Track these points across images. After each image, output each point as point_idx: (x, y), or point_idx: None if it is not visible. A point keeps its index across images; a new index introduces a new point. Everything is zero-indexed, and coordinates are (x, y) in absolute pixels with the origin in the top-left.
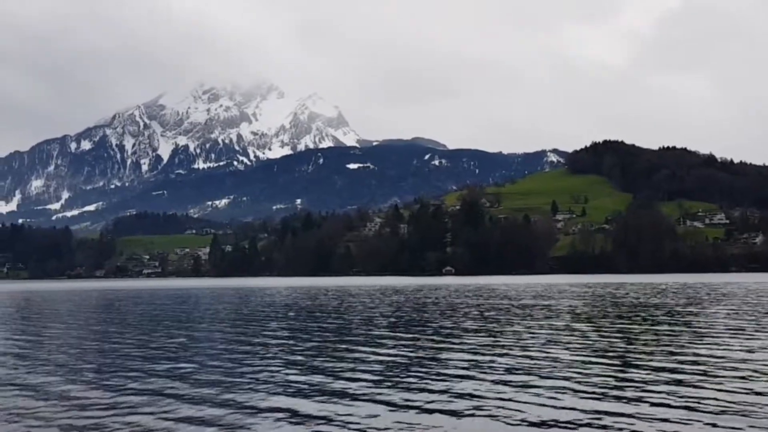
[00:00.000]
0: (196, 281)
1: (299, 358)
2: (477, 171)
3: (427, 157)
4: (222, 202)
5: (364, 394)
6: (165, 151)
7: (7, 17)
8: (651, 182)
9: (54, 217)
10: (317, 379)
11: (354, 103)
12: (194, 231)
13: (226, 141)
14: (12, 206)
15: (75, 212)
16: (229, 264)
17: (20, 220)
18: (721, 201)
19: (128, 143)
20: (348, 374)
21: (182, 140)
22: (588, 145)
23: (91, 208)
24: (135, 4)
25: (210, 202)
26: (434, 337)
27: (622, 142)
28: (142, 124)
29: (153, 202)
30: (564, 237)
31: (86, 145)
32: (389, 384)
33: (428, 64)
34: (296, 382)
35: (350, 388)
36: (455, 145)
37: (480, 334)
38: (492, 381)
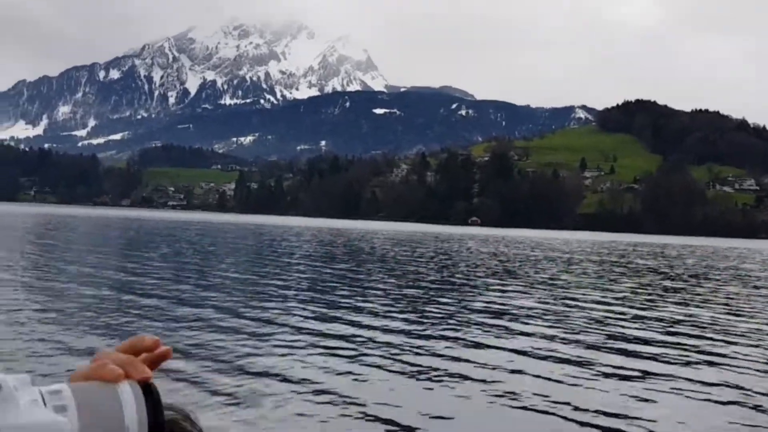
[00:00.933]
0: (223, 216)
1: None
2: (504, 123)
3: (454, 106)
4: (247, 140)
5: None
6: (192, 85)
7: None
8: (682, 145)
9: (79, 144)
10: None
11: (384, 48)
12: (219, 166)
13: (254, 78)
14: (39, 131)
15: (100, 140)
16: (255, 201)
17: (46, 145)
18: (752, 167)
19: (156, 75)
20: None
21: (210, 75)
22: (619, 103)
23: (117, 137)
24: None
25: (235, 139)
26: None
27: (654, 102)
28: (171, 56)
29: (178, 135)
30: (591, 194)
31: (114, 74)
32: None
33: (460, 14)
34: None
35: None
36: (483, 96)
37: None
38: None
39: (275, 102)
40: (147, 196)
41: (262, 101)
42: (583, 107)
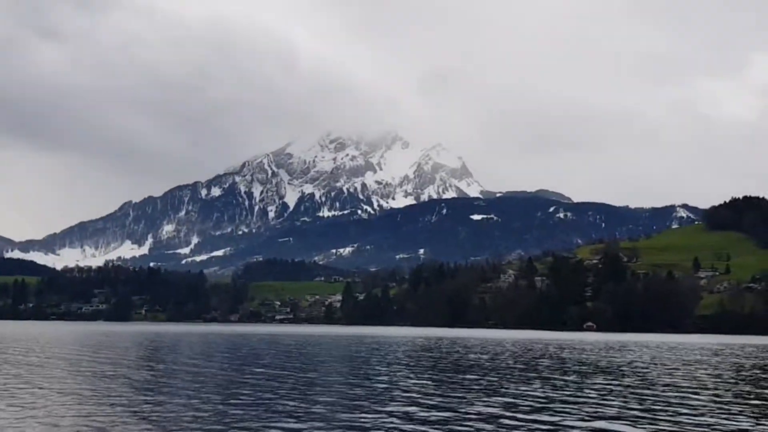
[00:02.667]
0: (332, 328)
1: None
2: (603, 225)
3: (551, 209)
4: (346, 250)
5: None
6: (291, 199)
7: (147, 67)
8: None
9: (183, 261)
10: None
11: (478, 154)
12: (322, 278)
13: (351, 190)
14: (144, 250)
15: (204, 257)
16: (361, 312)
17: (151, 263)
18: None
19: (256, 190)
20: None
21: (308, 188)
22: (726, 200)
23: (219, 253)
24: (266, 56)
25: (334, 250)
26: None
27: (763, 198)
28: (270, 171)
29: (279, 249)
30: (708, 295)
31: (216, 191)
32: None
33: (553, 115)
34: None
35: None
36: (580, 198)
37: None
38: None
39: (372, 212)
40: (254, 310)
41: (359, 212)
42: (685, 206)
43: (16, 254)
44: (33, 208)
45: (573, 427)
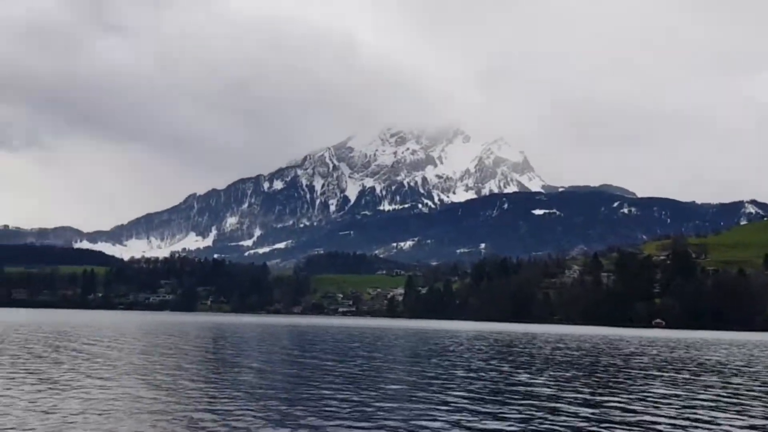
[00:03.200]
0: (395, 322)
1: None
2: (668, 221)
3: (615, 204)
4: (407, 244)
5: None
6: (352, 193)
7: (211, 62)
8: None
9: (246, 254)
10: None
11: (540, 148)
12: (384, 271)
13: (412, 184)
14: (208, 242)
15: (266, 249)
16: (423, 306)
17: (215, 255)
18: None
19: (318, 184)
20: None
21: (369, 182)
22: None
23: (281, 245)
24: (326, 49)
25: (395, 244)
26: None
27: None
28: (331, 165)
29: (340, 242)
30: None
31: (278, 184)
32: None
33: (617, 109)
34: None
35: None
36: (645, 193)
37: None
38: None
39: (433, 206)
40: (317, 302)
41: (420, 206)
42: (753, 202)
43: (85, 245)
44: (101, 199)
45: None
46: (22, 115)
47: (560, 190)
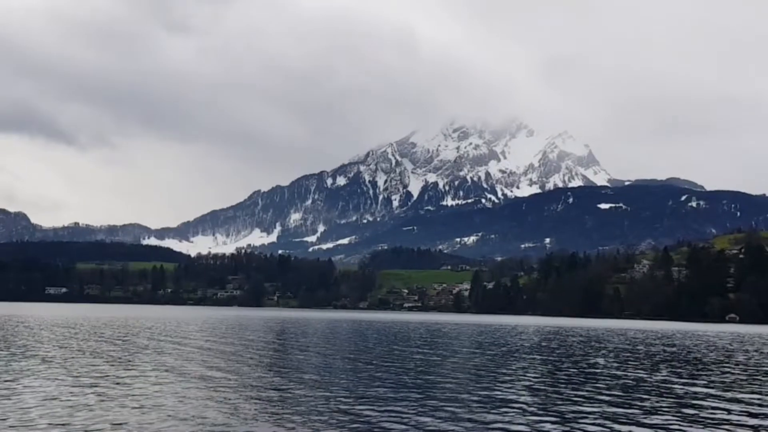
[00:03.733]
0: (474, 317)
1: None
2: (738, 214)
3: (683, 198)
4: (470, 239)
5: None
6: (415, 188)
7: (273, 59)
8: None
9: (310, 249)
10: None
11: (605, 142)
12: (449, 267)
13: (475, 178)
14: (272, 238)
15: (329, 245)
16: (490, 301)
17: (279, 251)
18: None
19: (380, 179)
20: None
21: (432, 177)
22: None
23: (345, 241)
24: (387, 44)
25: (458, 239)
26: None
27: None
28: (393, 161)
29: (403, 237)
30: None
31: (341, 180)
32: None
33: (683, 100)
34: None
35: None
36: (714, 186)
37: None
38: None
39: (496, 201)
40: (383, 298)
41: (483, 201)
42: None
43: (153, 241)
44: (167, 196)
45: None
46: (90, 114)
47: (626, 183)
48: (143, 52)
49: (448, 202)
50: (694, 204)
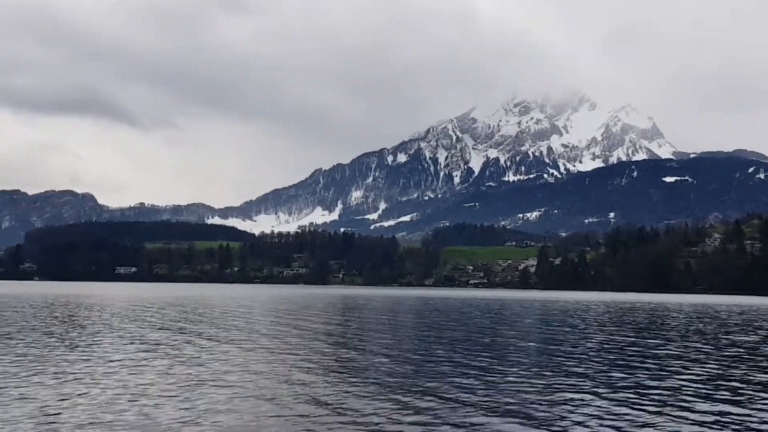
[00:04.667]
0: (546, 294)
1: None
2: None
3: (751, 170)
4: (533, 215)
5: None
6: (476, 164)
7: (332, 37)
8: None
9: (372, 227)
10: None
11: (669, 114)
12: (513, 243)
13: (536, 153)
14: (334, 216)
15: (391, 222)
16: (557, 277)
17: (341, 229)
18: None
19: (441, 156)
20: None
21: (493, 153)
22: None
23: (406, 218)
24: (445, 18)
25: (521, 215)
26: None
27: None
28: (454, 137)
29: (465, 214)
30: None
31: (402, 157)
32: None
33: (748, 69)
34: None
35: None
36: None
37: None
38: None
39: (559, 176)
40: (448, 274)
41: (545, 176)
42: None
43: (217, 220)
44: (230, 175)
45: None
46: (152, 95)
47: (692, 156)
48: (202, 32)
49: (510, 177)
50: (762, 176)
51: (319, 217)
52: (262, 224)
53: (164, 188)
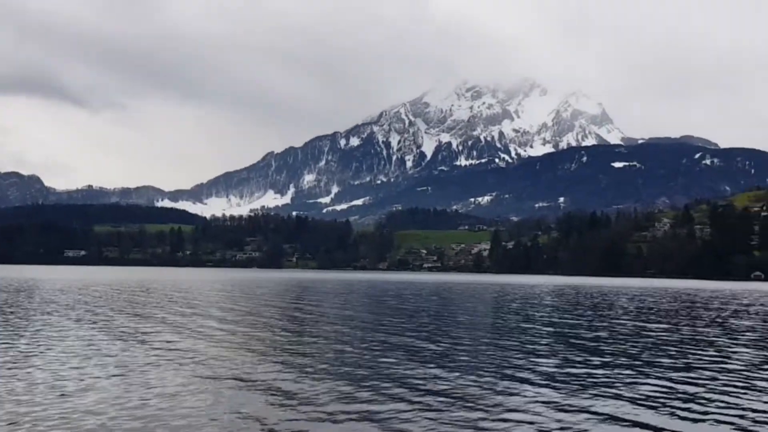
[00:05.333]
0: (504, 277)
1: None
2: (752, 171)
3: (697, 156)
4: (485, 199)
5: None
6: (428, 148)
7: (284, 18)
8: None
9: (324, 210)
10: None
11: (618, 100)
12: (466, 227)
13: (488, 138)
14: (286, 199)
15: (344, 206)
16: (510, 261)
17: (294, 213)
18: None
19: (394, 140)
20: None
21: (445, 137)
22: None
23: (359, 202)
24: (399, 2)
25: (473, 199)
26: None
27: None
28: (407, 121)
29: (417, 198)
30: None
31: (354, 141)
32: None
33: (696, 57)
34: None
35: None
36: (728, 144)
37: None
38: None
39: (510, 160)
40: (402, 258)
41: (497, 160)
42: None
43: (167, 203)
44: (180, 158)
45: None
46: (100, 76)
47: (640, 142)
48: (151, 11)
49: (462, 162)
50: (708, 162)
51: (271, 200)
52: (213, 207)
53: (112, 171)
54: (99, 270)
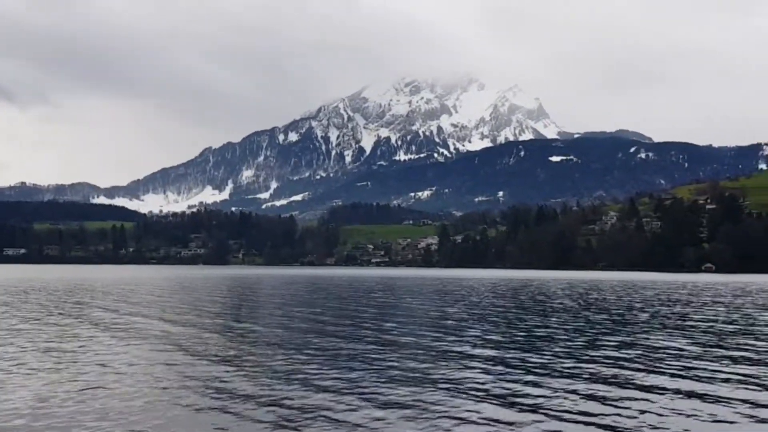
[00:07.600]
0: (455, 272)
1: None
2: (686, 165)
3: (632, 150)
4: (424, 194)
5: None
6: (368, 143)
7: (219, 12)
8: None
9: (263, 206)
10: None
11: (554, 94)
12: (410, 221)
13: (427, 133)
14: (225, 195)
15: (283, 201)
16: (460, 255)
17: (233, 209)
18: None
19: (333, 135)
20: None
21: (384, 132)
22: None
23: (298, 197)
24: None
25: (413, 194)
26: None
27: None
28: (345, 116)
29: (357, 193)
30: None
31: (293, 136)
32: None
33: (631, 52)
34: None
35: None
36: (661, 138)
37: None
38: None
39: (449, 155)
40: (350, 254)
41: (436, 155)
42: None
43: (102, 200)
44: (115, 154)
45: None
46: (27, 71)
47: (576, 136)
48: (84, 5)
49: (401, 156)
50: (643, 155)
51: (209, 196)
52: (150, 204)
53: (45, 167)
54: (42, 268)
